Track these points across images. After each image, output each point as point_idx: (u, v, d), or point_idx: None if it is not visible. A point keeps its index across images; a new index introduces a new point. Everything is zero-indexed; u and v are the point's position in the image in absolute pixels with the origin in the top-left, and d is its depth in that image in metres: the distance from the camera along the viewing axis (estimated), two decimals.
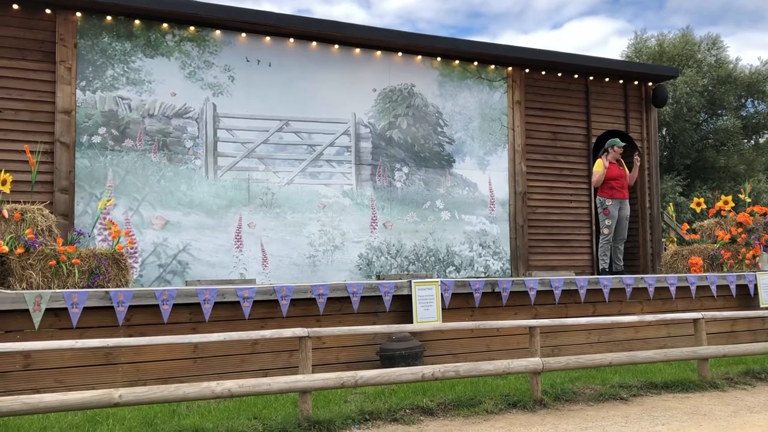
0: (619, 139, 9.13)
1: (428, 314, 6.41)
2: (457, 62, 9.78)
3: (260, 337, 4.91)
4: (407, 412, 4.88)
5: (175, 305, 5.52)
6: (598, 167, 8.94)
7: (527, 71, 10.22)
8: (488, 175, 9.86)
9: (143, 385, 5.11)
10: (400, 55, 9.44)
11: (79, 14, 7.78)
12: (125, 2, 7.74)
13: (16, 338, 5.06)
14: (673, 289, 7.61)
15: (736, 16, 55.14)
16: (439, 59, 9.66)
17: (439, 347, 6.54)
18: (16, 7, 7.51)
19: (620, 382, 5.84)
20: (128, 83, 7.99)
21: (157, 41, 8.15)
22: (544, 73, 10.34)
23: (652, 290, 7.54)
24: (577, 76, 10.56)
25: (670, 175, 21.65)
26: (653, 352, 5.99)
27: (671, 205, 10.80)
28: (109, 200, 7.35)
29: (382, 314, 6.43)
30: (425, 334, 6.39)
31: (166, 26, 8.17)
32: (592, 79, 10.68)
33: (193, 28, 8.29)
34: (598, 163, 8.98)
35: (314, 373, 4.79)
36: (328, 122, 8.94)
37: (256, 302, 5.81)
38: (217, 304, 5.66)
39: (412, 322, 6.34)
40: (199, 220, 8.15)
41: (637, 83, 11.06)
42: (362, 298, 6.23)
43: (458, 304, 6.73)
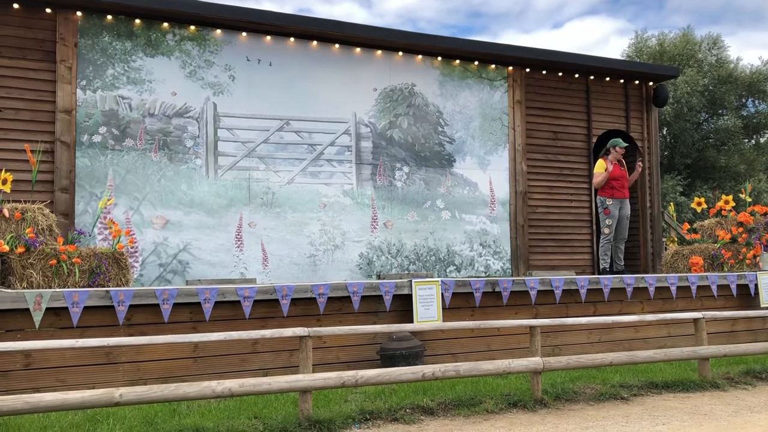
0: (621, 139, 9.10)
1: (429, 314, 6.40)
2: (457, 62, 9.78)
3: (261, 336, 4.91)
4: (408, 411, 4.88)
5: (175, 305, 5.52)
6: (599, 168, 8.86)
7: (528, 71, 10.22)
8: (489, 174, 9.86)
9: (144, 384, 5.11)
10: (400, 54, 9.44)
11: (79, 13, 7.79)
12: (126, 1, 7.75)
13: (16, 337, 5.06)
14: (673, 288, 7.61)
15: (736, 15, 55.15)
16: (439, 59, 9.66)
17: (439, 347, 6.54)
18: (16, 6, 7.52)
19: (621, 381, 5.83)
20: (129, 82, 7.99)
21: (157, 40, 8.15)
22: (544, 72, 10.33)
23: (652, 290, 7.54)
24: (577, 75, 10.55)
25: (670, 174, 21.65)
26: (654, 351, 5.99)
27: (672, 204, 10.80)
28: (109, 199, 7.35)
29: (382, 314, 6.42)
30: (426, 333, 6.38)
31: (166, 25, 8.17)
32: (592, 78, 10.67)
33: (193, 27, 8.29)
34: (599, 163, 8.91)
35: (315, 372, 4.79)
36: (328, 122, 8.94)
37: (256, 302, 5.81)
38: (217, 303, 5.66)
39: (412, 321, 6.33)
40: (199, 219, 8.15)
41: (637, 83, 11.05)
42: (363, 297, 6.23)
43: (459, 303, 6.73)
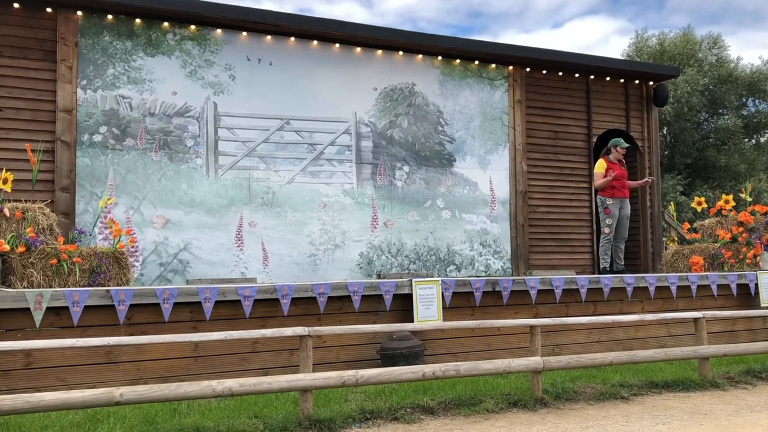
0: (622, 140, 9.08)
1: (429, 313, 6.40)
2: (457, 61, 9.78)
3: (261, 336, 4.91)
4: (408, 411, 4.88)
5: (175, 304, 5.52)
6: (599, 168, 8.83)
7: (528, 70, 10.22)
8: (489, 174, 9.86)
9: (144, 383, 5.11)
10: (400, 54, 9.44)
11: (80, 13, 7.79)
12: (126, 1, 7.75)
13: (17, 337, 5.06)
14: (673, 288, 7.61)
15: (736, 15, 55.14)
16: (440, 58, 9.66)
17: (439, 346, 6.54)
18: (17, 5, 7.52)
19: (621, 381, 5.84)
20: (129, 82, 7.99)
21: (157, 40, 8.15)
22: (544, 72, 10.33)
23: (652, 289, 7.54)
24: (578, 75, 10.55)
25: (671, 174, 21.64)
26: (654, 351, 5.99)
27: (672, 204, 10.80)
28: (110, 199, 7.35)
29: (382, 313, 6.42)
30: (426, 333, 6.38)
31: (166, 25, 8.17)
32: (593, 78, 10.67)
33: (193, 26, 8.29)
34: (599, 163, 8.88)
35: (315, 372, 4.79)
36: (328, 121, 8.94)
37: (256, 301, 5.81)
38: (217, 302, 5.66)
39: (412, 321, 6.33)
40: (199, 219, 8.15)
41: (638, 82, 11.05)
42: (363, 297, 6.23)
43: (459, 303, 6.73)
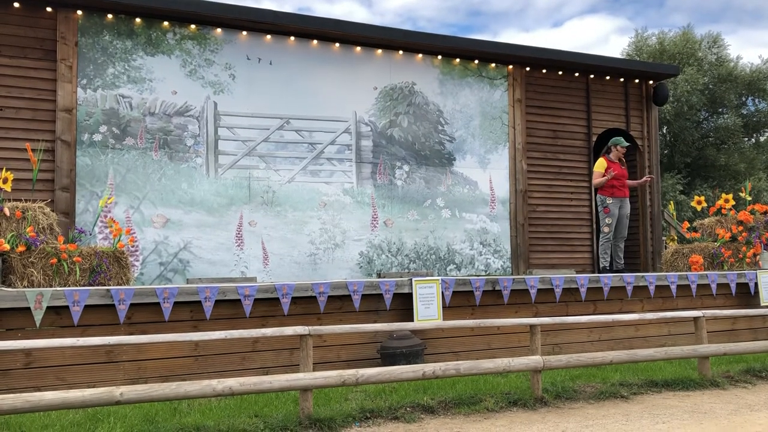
0: (623, 138, 9.08)
1: (429, 312, 6.41)
2: (457, 60, 9.77)
3: (261, 335, 4.91)
4: (408, 410, 4.88)
5: (176, 303, 5.52)
6: (599, 167, 8.84)
7: (528, 69, 10.22)
8: (489, 173, 9.86)
9: (144, 383, 5.11)
10: (400, 53, 9.44)
11: (79, 12, 7.79)
12: (126, 0, 7.75)
13: (17, 336, 5.07)
14: (673, 287, 7.61)
15: (736, 14, 55.13)
16: (439, 57, 9.66)
17: (439, 345, 6.54)
18: (17, 5, 7.52)
19: (621, 380, 5.84)
20: (129, 81, 7.99)
21: (157, 39, 8.15)
22: (544, 71, 10.33)
23: (652, 288, 7.54)
24: (577, 74, 10.55)
25: (670, 173, 21.65)
26: (654, 350, 5.99)
27: (672, 203, 10.80)
28: (110, 198, 7.35)
29: (382, 312, 6.43)
30: (426, 332, 6.39)
31: (166, 24, 8.17)
32: (592, 77, 10.67)
33: (193, 26, 8.29)
34: (599, 162, 8.89)
35: (315, 371, 4.80)
36: (328, 120, 8.94)
37: (257, 300, 5.82)
38: (218, 302, 5.67)
39: (412, 320, 6.33)
40: (200, 218, 8.15)
41: (637, 81, 11.05)
42: (363, 296, 6.23)
43: (459, 302, 6.74)
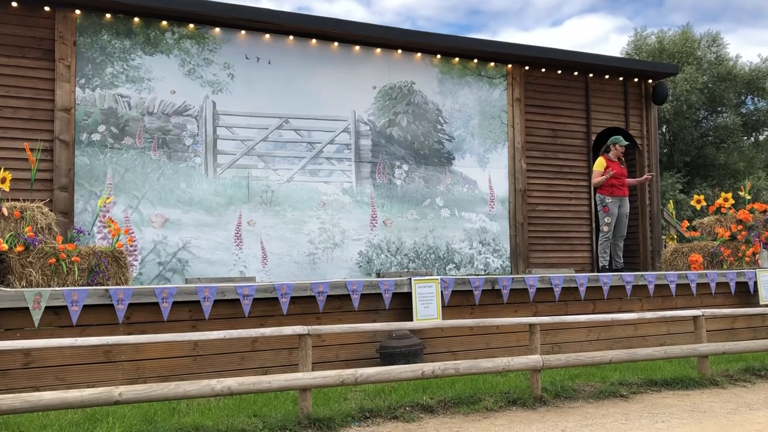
0: (621, 137, 9.08)
1: (428, 312, 6.41)
2: (456, 59, 9.76)
3: (260, 335, 4.91)
4: (407, 409, 4.88)
5: (174, 303, 5.51)
6: (598, 166, 8.85)
7: (527, 68, 10.21)
8: (488, 172, 9.86)
9: (143, 383, 5.11)
10: (399, 52, 9.43)
11: (78, 12, 7.77)
12: (124, 0, 7.73)
13: (16, 336, 5.06)
14: (673, 286, 7.61)
15: (736, 13, 55.13)
16: (438, 56, 9.65)
17: (439, 345, 6.54)
18: (15, 4, 7.50)
19: (620, 379, 5.84)
20: (127, 81, 7.98)
21: (156, 39, 8.14)
22: (543, 70, 10.32)
23: (652, 287, 7.54)
24: (576, 73, 10.55)
25: (670, 172, 21.65)
26: (653, 349, 6.00)
27: (671, 202, 10.80)
28: (108, 198, 7.34)
29: (382, 312, 6.42)
30: (425, 331, 6.39)
31: (165, 24, 8.16)
32: (591, 76, 10.66)
33: (192, 25, 8.28)
34: (599, 161, 8.89)
35: (314, 370, 4.80)
36: (327, 120, 8.93)
37: (256, 300, 5.81)
38: (216, 302, 5.66)
39: (412, 319, 6.33)
40: (198, 217, 8.14)
41: (637, 80, 11.04)
42: (362, 295, 6.23)
43: (458, 301, 6.74)
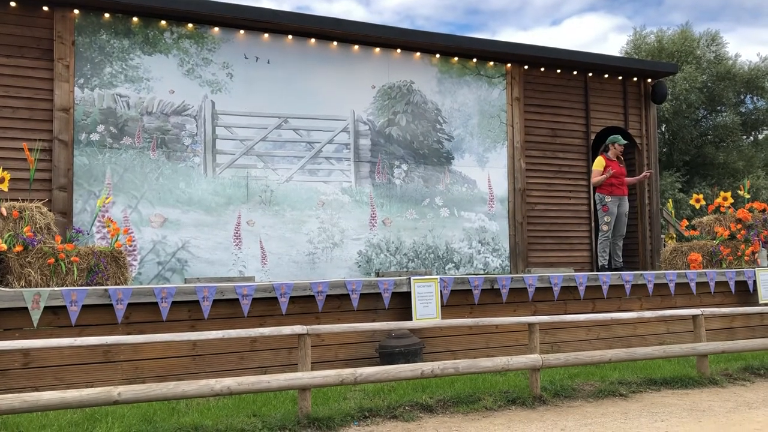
0: (620, 136, 9.09)
1: (427, 311, 6.41)
2: (455, 59, 9.76)
3: (259, 334, 4.91)
4: (406, 409, 4.88)
5: (174, 303, 5.51)
6: (598, 165, 8.85)
7: (526, 68, 10.21)
8: (487, 172, 9.86)
9: (142, 382, 5.11)
10: (398, 51, 9.42)
11: (76, 11, 7.77)
12: None
13: (15, 336, 5.06)
14: (672, 285, 7.61)
15: (735, 12, 55.14)
16: (437, 56, 9.65)
17: (438, 344, 6.54)
18: (13, 4, 7.50)
19: (619, 378, 5.84)
20: (126, 81, 7.97)
21: (155, 38, 8.13)
22: (542, 69, 10.32)
23: (651, 287, 7.54)
24: (576, 72, 10.55)
25: (669, 171, 21.65)
26: (652, 348, 6.00)
27: (670, 201, 10.81)
28: (107, 198, 7.34)
29: (381, 311, 6.42)
30: (424, 331, 6.38)
31: (164, 23, 8.15)
32: (591, 75, 10.66)
33: (191, 25, 8.28)
34: (598, 160, 8.90)
35: (313, 370, 4.79)
36: (326, 119, 8.93)
37: (255, 300, 5.81)
38: (216, 301, 5.66)
39: (411, 319, 6.33)
40: (197, 217, 8.14)
41: (636, 80, 11.04)
42: (361, 295, 6.23)
43: (457, 301, 6.74)
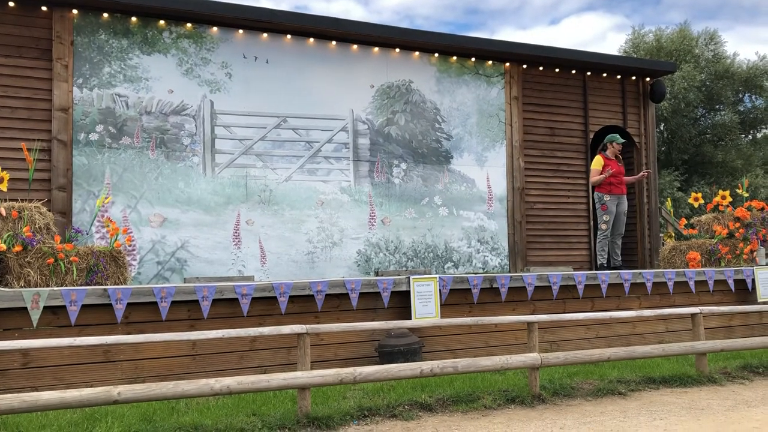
0: (618, 135, 9.11)
1: (427, 310, 6.41)
2: (454, 58, 9.77)
3: (259, 334, 4.92)
4: (406, 408, 4.88)
5: (173, 302, 5.52)
6: (596, 164, 8.87)
7: (525, 67, 10.21)
8: (486, 171, 9.86)
9: (142, 382, 5.11)
10: (397, 51, 9.43)
11: (75, 11, 7.76)
12: None
13: (14, 336, 5.06)
14: (671, 284, 7.62)
15: (733, 10, 55.14)
16: (436, 55, 9.65)
17: (437, 343, 6.54)
18: (12, 4, 7.49)
19: (618, 377, 5.85)
20: (125, 80, 7.97)
21: (154, 38, 8.13)
22: (541, 68, 10.33)
23: (650, 285, 7.55)
24: (574, 71, 10.55)
25: (668, 170, 21.66)
26: (651, 347, 6.00)
27: (669, 200, 10.82)
28: (106, 198, 7.34)
29: (380, 310, 6.43)
30: (424, 330, 6.39)
31: (162, 23, 8.15)
32: (589, 74, 10.67)
33: (190, 24, 8.27)
34: (596, 159, 8.92)
35: (313, 369, 4.80)
36: (325, 119, 8.93)
37: (254, 299, 5.81)
38: (215, 301, 5.66)
39: (410, 318, 6.34)
40: (197, 217, 8.14)
41: (634, 78, 11.05)
42: (361, 294, 6.23)
43: (457, 300, 6.74)
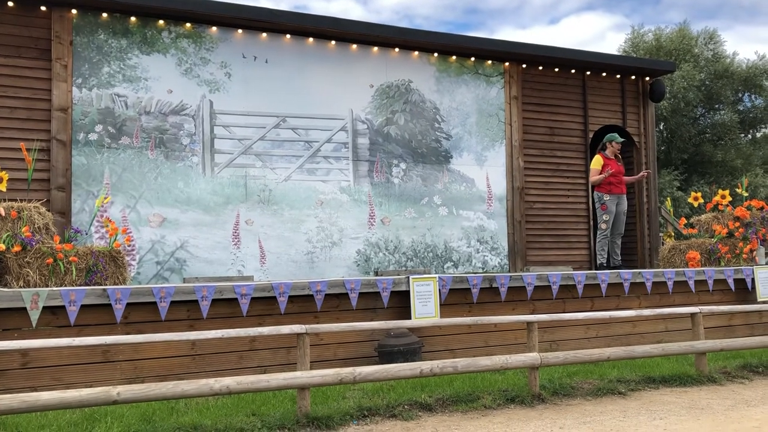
0: (617, 134, 9.11)
1: (426, 310, 6.41)
2: (454, 58, 9.76)
3: (258, 334, 4.91)
4: (405, 407, 4.88)
5: (172, 302, 5.51)
6: (596, 164, 8.87)
7: (524, 66, 10.21)
8: (486, 170, 9.86)
9: (141, 382, 5.11)
10: (397, 50, 9.42)
11: (74, 11, 7.76)
12: None
13: (13, 336, 5.05)
14: (670, 283, 7.62)
15: (733, 10, 55.15)
16: (436, 55, 9.65)
17: (437, 343, 6.54)
18: (11, 4, 7.49)
19: (618, 376, 5.85)
20: (124, 80, 7.97)
21: (153, 38, 8.13)
22: (541, 68, 10.33)
23: (649, 285, 7.55)
24: (574, 71, 10.55)
25: (667, 169, 21.66)
26: (651, 346, 6.00)
27: (669, 199, 10.82)
28: (106, 198, 7.34)
29: (380, 310, 6.42)
30: (423, 330, 6.39)
31: (162, 23, 8.15)
32: (589, 74, 10.67)
33: (189, 24, 8.27)
34: (596, 159, 8.92)
35: (312, 369, 4.80)
36: (325, 118, 8.93)
37: (253, 299, 5.81)
38: (214, 301, 5.66)
39: (410, 318, 6.34)
40: (196, 217, 8.14)
41: (634, 78, 11.05)
42: (360, 294, 6.23)
43: (456, 299, 6.74)
